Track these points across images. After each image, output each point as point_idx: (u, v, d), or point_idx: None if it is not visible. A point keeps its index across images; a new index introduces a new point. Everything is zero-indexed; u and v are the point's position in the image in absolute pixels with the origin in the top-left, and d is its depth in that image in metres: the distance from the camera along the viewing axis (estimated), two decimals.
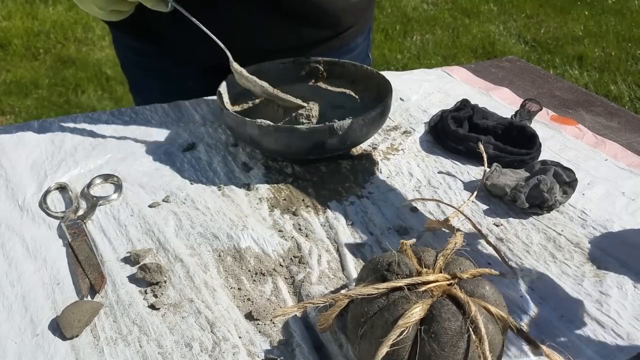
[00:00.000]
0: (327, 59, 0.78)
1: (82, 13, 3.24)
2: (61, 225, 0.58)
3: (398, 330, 0.38)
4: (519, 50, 2.97)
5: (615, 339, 0.46)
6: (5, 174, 0.66)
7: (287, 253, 0.55)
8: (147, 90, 0.92)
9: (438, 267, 0.43)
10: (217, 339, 0.46)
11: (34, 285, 0.51)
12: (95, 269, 0.52)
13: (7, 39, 2.91)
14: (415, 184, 0.66)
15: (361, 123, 0.64)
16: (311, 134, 0.63)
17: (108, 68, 2.70)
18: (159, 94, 0.84)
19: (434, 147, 0.73)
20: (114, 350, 0.45)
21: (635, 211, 0.61)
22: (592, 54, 2.87)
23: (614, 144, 0.73)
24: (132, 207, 0.61)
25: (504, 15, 3.38)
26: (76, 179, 0.66)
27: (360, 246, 0.56)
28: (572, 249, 0.56)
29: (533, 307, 0.49)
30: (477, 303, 0.40)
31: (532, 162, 0.67)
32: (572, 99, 0.86)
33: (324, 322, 0.44)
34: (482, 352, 0.37)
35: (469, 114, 0.74)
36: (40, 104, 2.41)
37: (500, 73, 0.94)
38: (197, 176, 0.67)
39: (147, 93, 0.90)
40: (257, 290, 0.51)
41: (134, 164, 0.69)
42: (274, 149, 0.65)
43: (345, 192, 0.64)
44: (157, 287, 0.51)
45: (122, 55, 0.94)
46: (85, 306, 0.47)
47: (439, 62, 2.83)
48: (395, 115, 0.80)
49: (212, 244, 0.56)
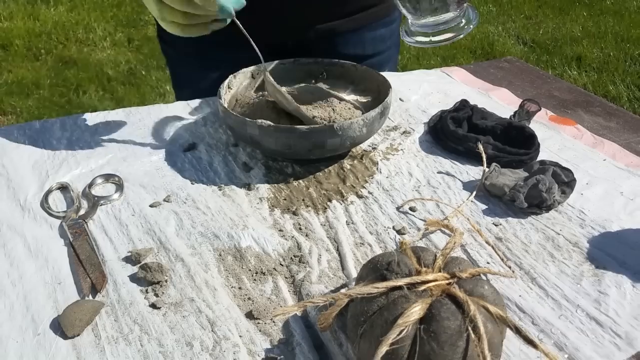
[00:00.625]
0: (327, 60, 0.78)
1: (83, 14, 3.24)
2: (62, 225, 0.58)
3: (397, 329, 0.38)
4: (518, 50, 2.97)
5: (614, 338, 0.47)
6: (7, 173, 0.66)
7: (287, 252, 0.56)
8: (197, 82, 0.92)
9: (437, 266, 0.44)
10: (217, 338, 0.46)
11: (36, 284, 0.51)
12: (97, 269, 0.52)
13: (9, 40, 2.91)
14: (414, 184, 0.66)
15: (361, 123, 0.64)
16: (311, 134, 0.63)
17: (109, 68, 2.70)
18: (208, 86, 0.84)
19: (434, 147, 0.73)
20: (115, 349, 0.45)
21: (633, 211, 0.61)
22: (591, 55, 2.87)
23: (612, 144, 0.73)
24: (133, 206, 0.62)
25: (502, 16, 3.38)
26: (77, 179, 0.66)
27: (360, 246, 0.57)
28: (570, 248, 0.56)
29: (532, 307, 0.49)
30: (476, 302, 0.40)
31: (530, 162, 0.67)
32: (570, 99, 0.86)
33: (324, 321, 0.45)
34: (481, 351, 0.37)
35: (468, 114, 0.74)
36: (42, 104, 2.42)
37: (499, 73, 0.95)
38: (198, 176, 0.67)
39: (197, 86, 0.89)
40: (258, 290, 0.51)
41: (135, 164, 0.69)
42: (274, 149, 0.66)
43: (345, 192, 0.65)
44: (158, 286, 0.51)
45: (172, 49, 0.95)
46: (87, 305, 0.48)
47: (438, 63, 2.83)
48: (395, 115, 0.80)
49: (212, 243, 0.57)
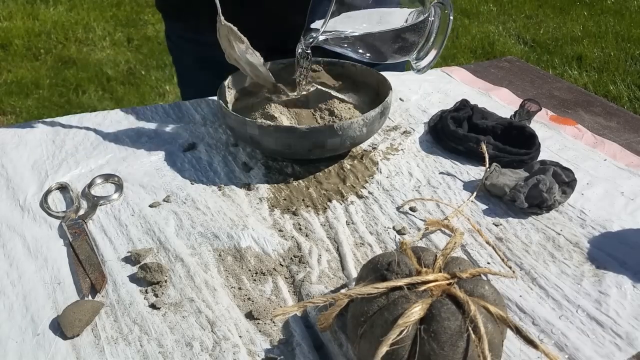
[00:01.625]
0: (327, 60, 0.78)
1: (82, 13, 3.24)
2: (62, 225, 0.58)
3: (398, 329, 0.38)
4: (518, 50, 2.97)
5: (615, 338, 0.47)
6: (7, 173, 0.66)
7: (287, 253, 0.56)
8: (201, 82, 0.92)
9: (437, 266, 0.44)
10: (217, 338, 0.46)
11: (35, 284, 0.51)
12: (96, 269, 0.52)
13: (8, 39, 2.91)
14: (414, 184, 0.66)
15: (361, 123, 0.64)
16: (311, 134, 0.63)
17: (109, 68, 2.70)
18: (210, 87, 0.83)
19: (434, 147, 0.73)
20: (115, 349, 0.45)
21: (634, 211, 0.61)
22: (591, 54, 2.87)
23: (613, 144, 0.73)
24: (132, 206, 0.61)
25: (503, 16, 3.38)
26: (77, 179, 0.66)
27: (361, 246, 0.57)
28: (571, 248, 0.56)
29: (532, 307, 0.49)
30: (476, 302, 0.40)
31: (531, 162, 0.67)
32: (571, 99, 0.86)
33: (324, 322, 0.45)
34: (481, 352, 0.37)
35: (468, 114, 0.74)
36: (41, 104, 2.42)
37: (499, 73, 0.95)
38: (198, 176, 0.67)
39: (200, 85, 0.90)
40: (258, 290, 0.51)
41: (135, 164, 0.69)
42: (274, 149, 0.66)
43: (345, 192, 0.65)
44: (158, 286, 0.51)
45: (178, 48, 0.96)
46: (86, 306, 0.48)
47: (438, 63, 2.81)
48: (395, 115, 0.80)
49: (212, 243, 0.57)
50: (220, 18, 0.65)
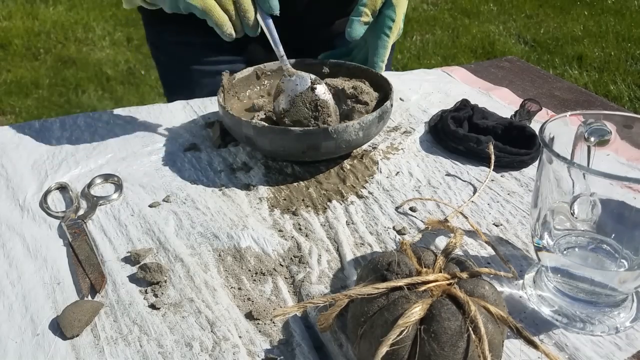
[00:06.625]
0: (332, 60, 0.77)
1: (82, 13, 3.24)
2: (61, 225, 0.58)
3: (398, 329, 0.38)
4: (519, 50, 2.97)
5: (615, 338, 0.46)
6: (6, 173, 0.66)
7: (287, 253, 0.56)
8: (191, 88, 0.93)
9: (438, 266, 0.44)
10: (217, 339, 0.46)
11: (35, 285, 0.51)
12: (96, 269, 0.52)
13: (8, 39, 2.91)
14: (415, 184, 0.66)
15: (357, 127, 0.63)
16: (305, 136, 0.62)
17: (108, 68, 2.70)
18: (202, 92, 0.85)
19: (434, 147, 0.73)
20: (114, 349, 0.45)
21: None
22: (592, 54, 2.87)
23: None
24: (132, 207, 0.61)
25: (503, 16, 3.38)
26: (77, 179, 0.66)
27: (361, 246, 0.57)
28: None
29: (532, 307, 0.49)
30: (476, 303, 0.40)
31: (532, 162, 0.67)
32: (571, 99, 0.86)
33: (324, 322, 0.44)
34: (481, 352, 0.37)
35: (468, 114, 0.74)
36: (41, 104, 2.42)
37: (500, 73, 0.95)
38: (198, 176, 0.67)
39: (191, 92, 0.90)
40: (257, 290, 0.51)
41: (135, 164, 0.69)
42: (269, 150, 0.65)
43: (345, 192, 0.64)
44: (158, 286, 0.51)
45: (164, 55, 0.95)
46: (86, 306, 0.48)
47: (438, 62, 2.83)
48: (395, 115, 0.80)
49: (212, 243, 0.56)
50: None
